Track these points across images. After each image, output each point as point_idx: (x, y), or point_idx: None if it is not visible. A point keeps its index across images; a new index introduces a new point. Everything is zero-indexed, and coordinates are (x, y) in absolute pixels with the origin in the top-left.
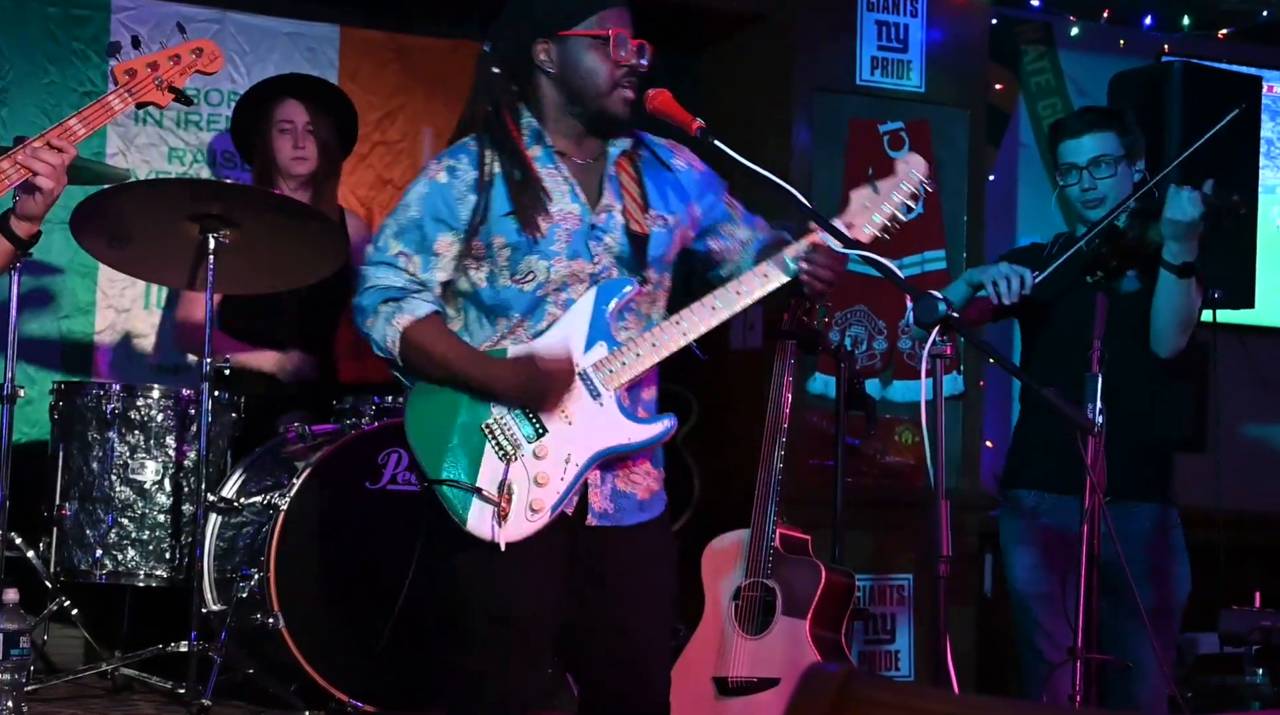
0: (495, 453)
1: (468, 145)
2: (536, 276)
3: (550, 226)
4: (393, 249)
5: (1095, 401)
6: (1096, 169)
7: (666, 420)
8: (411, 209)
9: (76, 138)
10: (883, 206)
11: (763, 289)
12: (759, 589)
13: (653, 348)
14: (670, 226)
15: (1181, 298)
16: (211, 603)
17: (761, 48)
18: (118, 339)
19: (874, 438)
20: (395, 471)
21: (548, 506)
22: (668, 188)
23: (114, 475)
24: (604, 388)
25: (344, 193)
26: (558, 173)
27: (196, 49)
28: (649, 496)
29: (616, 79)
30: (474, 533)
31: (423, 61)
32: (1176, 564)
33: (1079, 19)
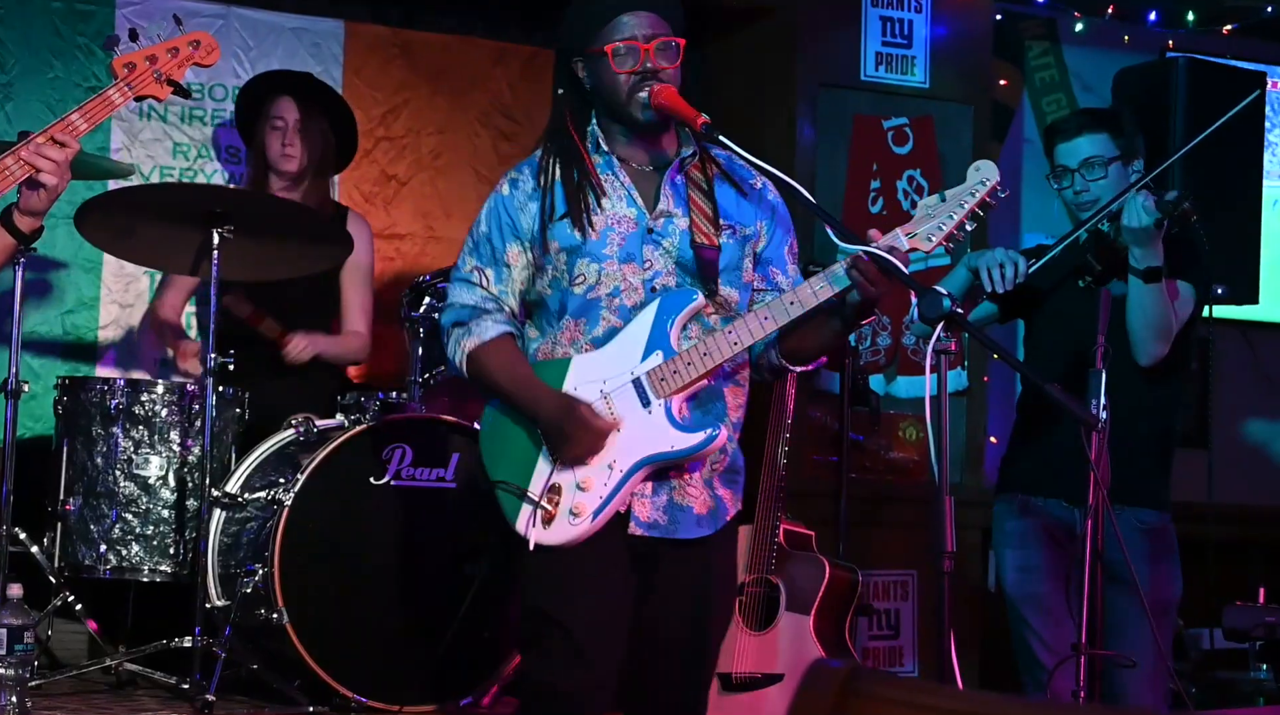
0: (548, 458)
1: (533, 158)
2: (587, 279)
3: (604, 228)
4: (468, 266)
5: (1099, 397)
6: (1088, 171)
7: (708, 429)
8: (482, 224)
9: (79, 132)
10: (949, 214)
11: (815, 301)
12: (763, 585)
13: (704, 357)
14: (740, 238)
15: (1151, 303)
16: (215, 598)
17: (766, 43)
18: (122, 334)
19: (878, 433)
20: (399, 467)
21: (589, 511)
22: (741, 200)
23: (118, 470)
24: (655, 396)
25: (347, 188)
26: (615, 178)
27: (194, 41)
28: (707, 511)
29: (631, 86)
30: (521, 533)
31: (427, 57)
32: (1167, 564)
33: (1083, 14)
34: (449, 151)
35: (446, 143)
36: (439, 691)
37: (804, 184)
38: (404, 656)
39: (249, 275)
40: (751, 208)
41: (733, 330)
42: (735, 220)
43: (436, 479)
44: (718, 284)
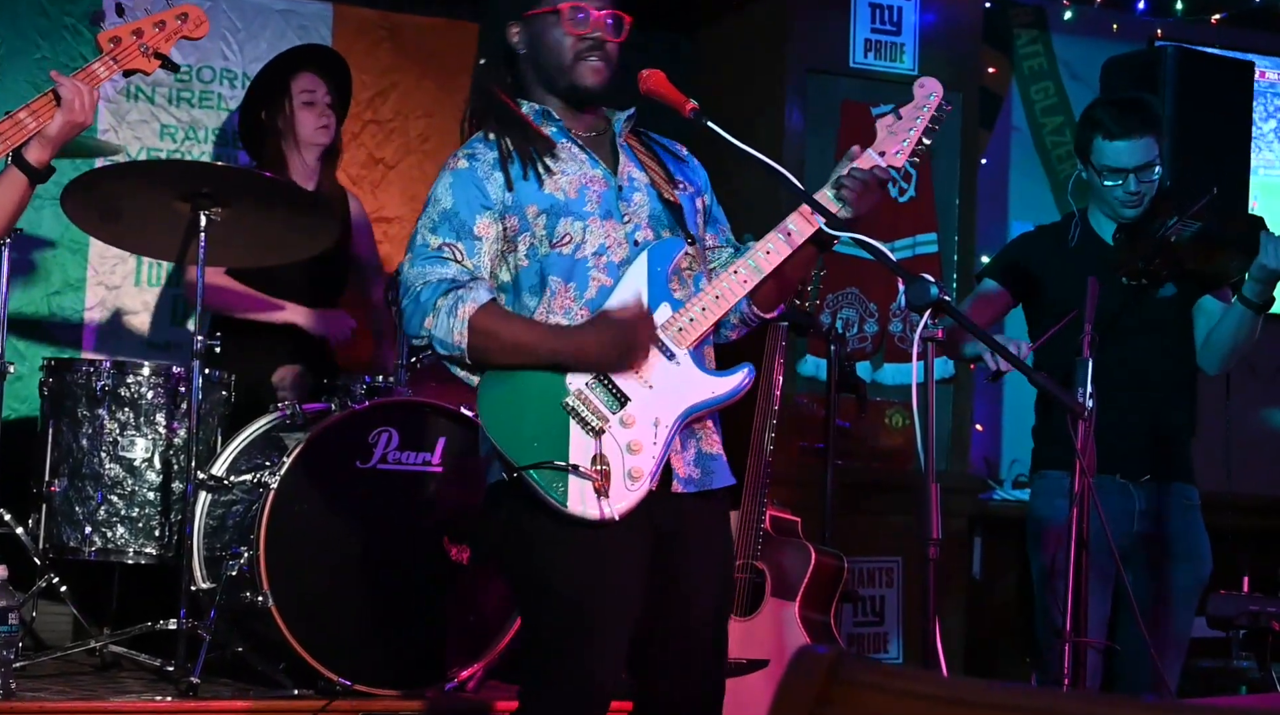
0: (582, 429)
1: (479, 135)
2: (574, 238)
3: (579, 187)
4: (434, 243)
5: (1086, 386)
6: (1146, 174)
7: (745, 369)
8: (443, 201)
9: (98, 80)
10: (909, 131)
11: (811, 228)
12: (748, 571)
13: (716, 300)
14: (691, 194)
15: (1251, 330)
16: (201, 581)
17: (755, 28)
18: (108, 316)
19: (864, 420)
20: (386, 451)
21: (647, 472)
22: (682, 166)
23: (104, 452)
24: (677, 347)
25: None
26: (572, 144)
27: (181, 14)
28: (717, 451)
29: (579, 50)
30: (577, 513)
31: (415, 40)
32: (1201, 541)
33: (1072, 2)
34: (437, 135)
35: (434, 126)
36: (424, 675)
37: (792, 170)
38: (389, 640)
39: (240, 261)
40: (689, 170)
41: (737, 269)
42: (683, 177)
43: (422, 463)
44: (690, 233)
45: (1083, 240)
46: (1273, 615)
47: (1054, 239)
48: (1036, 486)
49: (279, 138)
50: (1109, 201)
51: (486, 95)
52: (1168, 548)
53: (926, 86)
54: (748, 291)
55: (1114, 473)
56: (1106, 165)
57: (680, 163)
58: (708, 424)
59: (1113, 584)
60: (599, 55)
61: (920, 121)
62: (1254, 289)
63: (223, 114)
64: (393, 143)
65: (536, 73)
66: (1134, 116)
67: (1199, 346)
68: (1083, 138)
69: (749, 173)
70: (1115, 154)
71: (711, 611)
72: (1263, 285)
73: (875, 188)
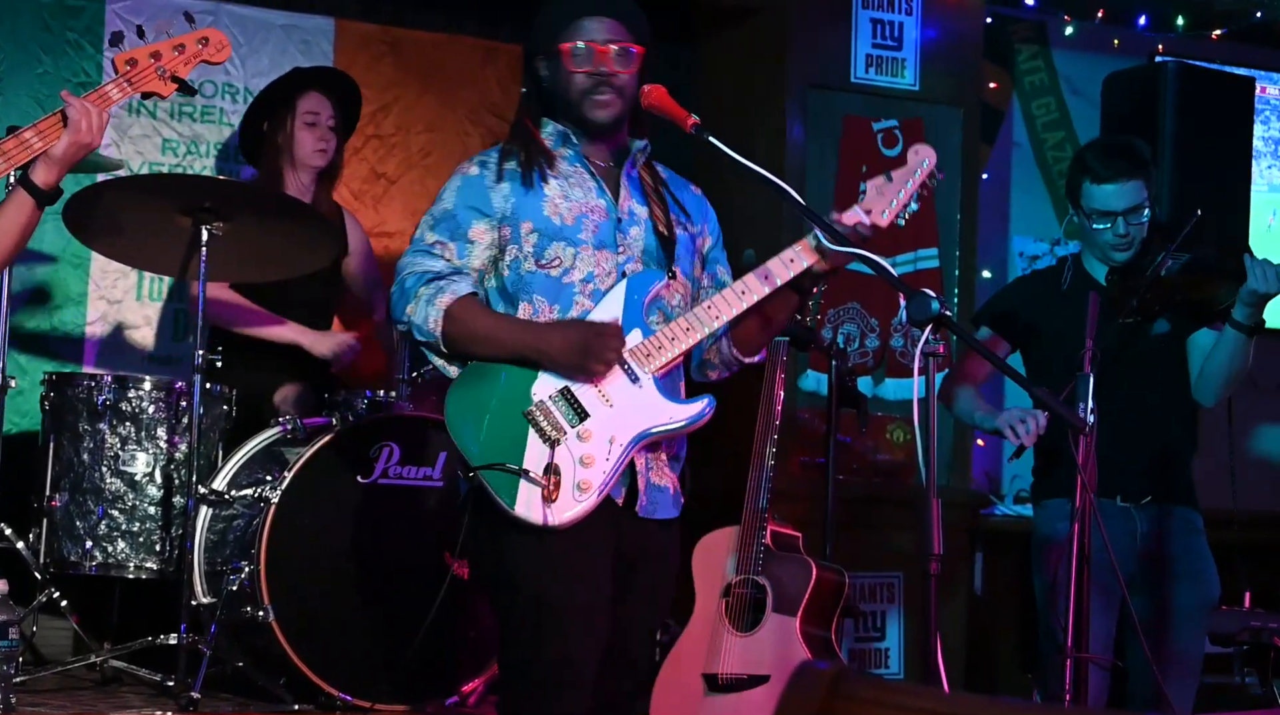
0: (539, 438)
1: (498, 146)
2: (563, 262)
3: (578, 215)
4: (429, 239)
5: (1087, 401)
6: (1135, 217)
7: (705, 400)
8: (445, 202)
9: (110, 102)
10: (899, 193)
11: (789, 273)
12: (749, 586)
13: (686, 331)
14: (691, 234)
15: (1244, 354)
16: (201, 595)
17: (756, 43)
18: (109, 330)
19: (866, 435)
20: (386, 465)
21: (595, 486)
22: (692, 205)
23: (105, 466)
24: (642, 372)
25: (336, 186)
26: (584, 170)
27: (202, 38)
28: (675, 493)
29: (584, 89)
30: (522, 516)
31: (417, 55)
32: (1205, 563)
33: (1073, 18)
34: (438, 150)
35: (436, 141)
36: (424, 690)
37: (793, 185)
38: (390, 655)
39: (241, 275)
40: (694, 210)
41: (711, 304)
42: (686, 216)
43: (423, 478)
44: (677, 269)
45: (1075, 283)
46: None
47: (1047, 284)
48: (1039, 515)
49: (277, 153)
50: (1099, 245)
51: (516, 122)
52: (1170, 569)
53: (920, 153)
54: (719, 325)
55: (1114, 495)
56: (1095, 209)
57: (690, 201)
58: (661, 456)
59: (1118, 604)
60: (606, 90)
61: (910, 186)
62: (1244, 313)
63: (224, 129)
64: (394, 157)
65: (558, 104)
66: (1121, 160)
67: (1194, 380)
68: (1072, 181)
69: (750, 187)
70: (1104, 197)
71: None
72: (1252, 308)
73: (855, 243)
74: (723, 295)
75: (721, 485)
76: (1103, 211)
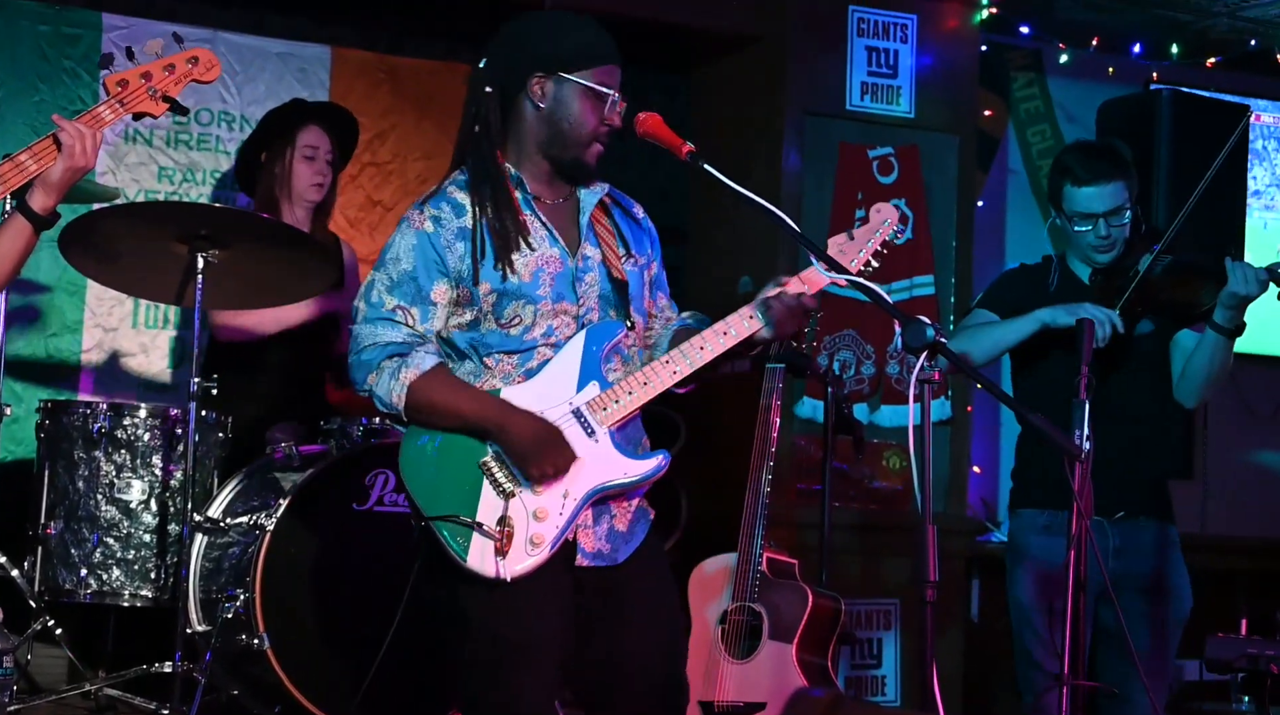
0: (493, 489)
1: (447, 191)
2: (523, 321)
3: (535, 270)
4: (389, 304)
5: (1083, 428)
6: (1116, 218)
7: (660, 456)
8: (403, 262)
9: (103, 124)
10: (859, 252)
11: (748, 331)
12: (745, 613)
13: (644, 386)
14: (640, 267)
15: (1224, 356)
16: (196, 623)
17: (752, 71)
18: (105, 358)
19: (862, 462)
20: (382, 493)
21: (548, 540)
22: (634, 229)
23: (100, 494)
24: (598, 426)
25: (333, 215)
26: (535, 218)
27: (192, 58)
28: (628, 528)
29: (598, 135)
30: (474, 569)
31: (414, 83)
32: (1179, 578)
33: (1068, 46)
34: (435, 177)
35: (433, 168)
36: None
37: (789, 212)
38: (385, 683)
39: (237, 303)
40: (643, 236)
41: (670, 360)
42: (635, 250)
43: None
44: (632, 313)
45: (1062, 283)
46: (1271, 658)
47: (1035, 281)
48: (1013, 525)
49: (273, 183)
50: (1081, 247)
51: (485, 159)
52: (1143, 584)
53: (883, 212)
54: (674, 381)
55: None
56: (1077, 211)
57: (635, 226)
58: (623, 503)
59: (1091, 621)
60: (606, 141)
61: (871, 244)
62: (1225, 316)
63: (220, 156)
64: (391, 184)
65: (544, 131)
66: (1102, 162)
67: (1176, 380)
68: (1053, 184)
69: (746, 214)
70: (1085, 200)
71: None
72: (1233, 311)
73: (799, 313)
74: (682, 350)
75: (717, 512)
76: (1084, 213)
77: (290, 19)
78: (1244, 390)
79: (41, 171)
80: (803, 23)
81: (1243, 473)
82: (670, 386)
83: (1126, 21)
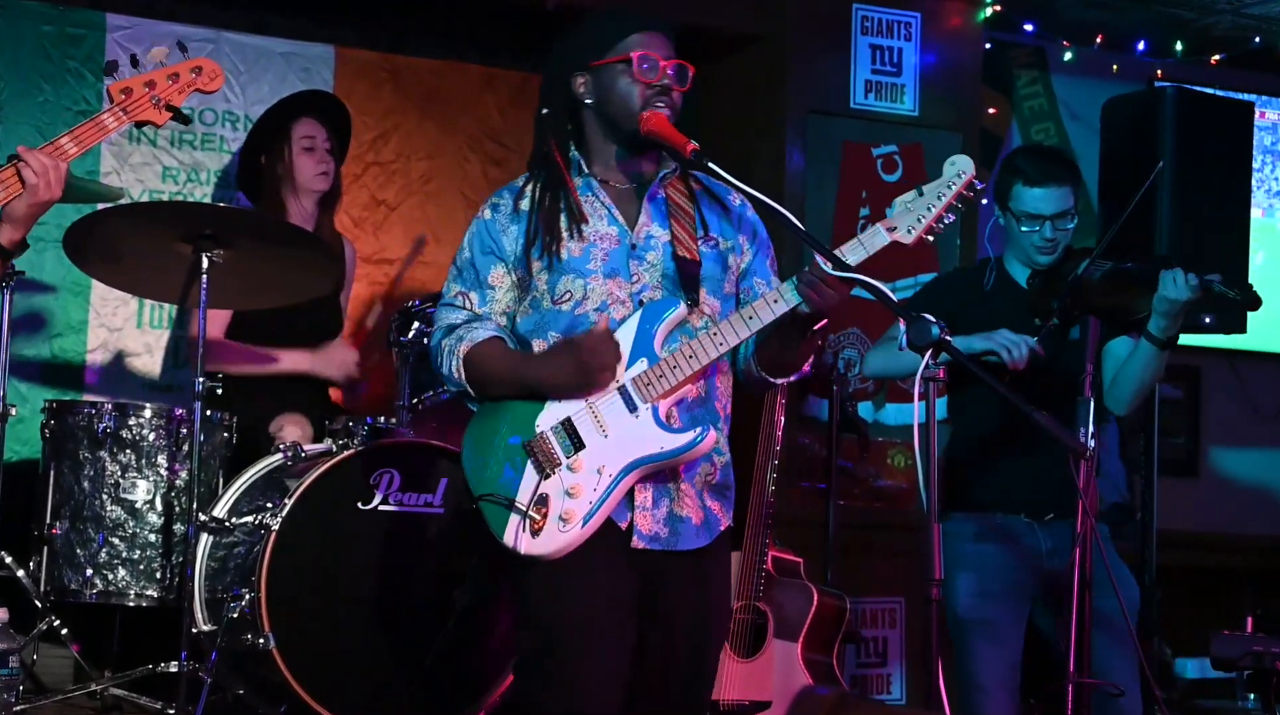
0: (535, 470)
1: (515, 183)
2: (574, 295)
3: (586, 247)
4: (453, 291)
5: (1088, 425)
6: (1062, 222)
7: (697, 429)
8: (465, 250)
9: (68, 156)
10: (928, 208)
11: (771, 314)
12: (751, 611)
13: (689, 359)
14: (721, 250)
15: (1156, 367)
16: (202, 623)
17: (756, 69)
18: (110, 358)
19: (866, 460)
20: (387, 492)
21: (578, 517)
22: (722, 215)
23: (105, 494)
24: (641, 401)
25: (337, 213)
26: (596, 198)
27: (196, 68)
28: (701, 522)
29: (648, 98)
30: (509, 545)
31: (417, 82)
32: (1118, 570)
33: (1072, 44)
34: (438, 176)
35: (436, 168)
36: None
37: (793, 211)
38: (390, 682)
39: (242, 303)
40: (732, 224)
41: (717, 331)
42: (716, 232)
43: (424, 504)
44: (700, 293)
45: (998, 284)
46: (1277, 656)
47: (970, 283)
48: (945, 527)
49: (278, 183)
50: (1025, 247)
51: (545, 153)
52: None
53: (957, 164)
54: (724, 351)
55: (1019, 512)
56: (1025, 211)
57: (724, 212)
58: (687, 488)
59: (1024, 625)
60: (665, 102)
61: (943, 200)
62: (1159, 325)
63: (225, 156)
64: (394, 184)
65: (601, 121)
66: (1054, 165)
67: (1106, 386)
68: (1003, 183)
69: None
70: (1034, 200)
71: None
72: (1168, 320)
73: (838, 285)
74: (729, 320)
75: None
76: (1032, 214)
77: (293, 19)
78: (1249, 388)
79: (6, 202)
80: (806, 21)
81: (1247, 470)
82: (721, 355)
83: (1130, 19)
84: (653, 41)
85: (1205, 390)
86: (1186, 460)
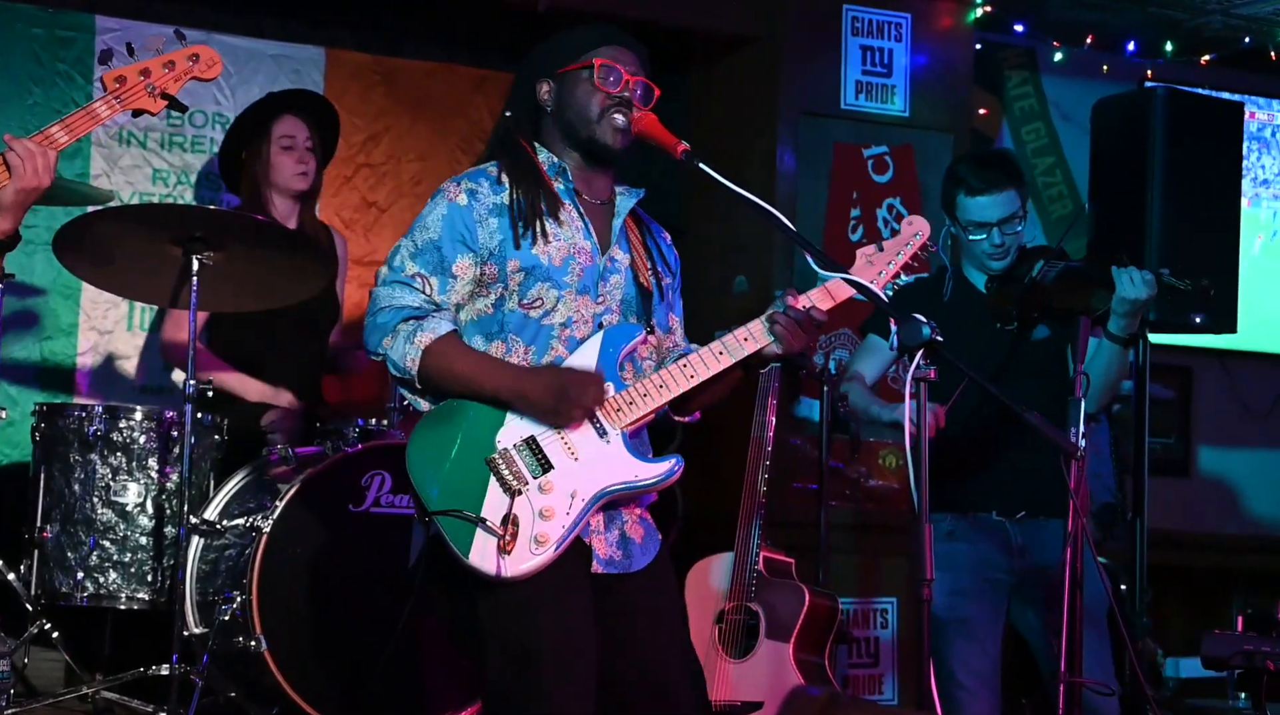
0: (499, 487)
1: (487, 169)
2: (545, 304)
3: (565, 257)
4: (409, 269)
5: (1079, 426)
6: (1009, 226)
7: (672, 460)
8: (430, 230)
9: (58, 145)
10: (888, 264)
11: (744, 351)
12: (742, 612)
13: (659, 389)
14: (665, 285)
15: (1120, 365)
16: (193, 626)
17: (747, 71)
18: (100, 361)
19: (858, 461)
20: (378, 494)
21: (553, 540)
22: (660, 251)
23: (96, 497)
24: (611, 427)
25: (328, 214)
26: (573, 209)
27: (193, 55)
28: (643, 539)
29: (605, 107)
30: (476, 566)
31: (408, 84)
32: (1089, 568)
33: (1062, 44)
34: (430, 178)
35: (427, 169)
36: None
37: (784, 212)
38: (381, 685)
39: (232, 305)
40: (669, 260)
41: (687, 364)
42: (660, 266)
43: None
44: (653, 323)
45: (957, 292)
46: (1267, 655)
47: (928, 293)
48: None
49: (256, 178)
50: (977, 255)
51: (508, 140)
52: (1051, 579)
53: (915, 224)
54: (693, 384)
55: (990, 510)
56: (971, 220)
57: (660, 249)
58: (634, 509)
59: (1002, 622)
60: (623, 115)
61: (901, 257)
62: (1118, 323)
63: (215, 159)
64: (385, 186)
65: (560, 127)
66: (994, 171)
67: None
68: (947, 195)
69: (741, 214)
70: (978, 209)
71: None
72: (1126, 318)
73: (809, 327)
74: (700, 355)
75: (714, 511)
76: (978, 222)
77: (285, 21)
78: (1239, 387)
79: None
80: (797, 23)
81: (1238, 470)
82: (687, 390)
83: (1120, 20)
84: (621, 55)
85: (1196, 390)
86: (1178, 460)
